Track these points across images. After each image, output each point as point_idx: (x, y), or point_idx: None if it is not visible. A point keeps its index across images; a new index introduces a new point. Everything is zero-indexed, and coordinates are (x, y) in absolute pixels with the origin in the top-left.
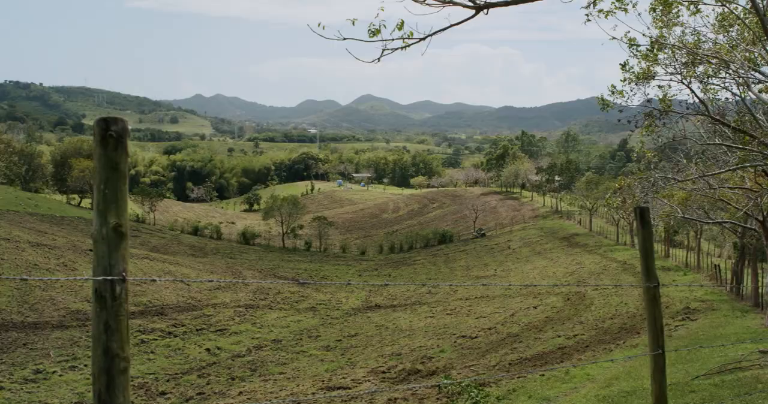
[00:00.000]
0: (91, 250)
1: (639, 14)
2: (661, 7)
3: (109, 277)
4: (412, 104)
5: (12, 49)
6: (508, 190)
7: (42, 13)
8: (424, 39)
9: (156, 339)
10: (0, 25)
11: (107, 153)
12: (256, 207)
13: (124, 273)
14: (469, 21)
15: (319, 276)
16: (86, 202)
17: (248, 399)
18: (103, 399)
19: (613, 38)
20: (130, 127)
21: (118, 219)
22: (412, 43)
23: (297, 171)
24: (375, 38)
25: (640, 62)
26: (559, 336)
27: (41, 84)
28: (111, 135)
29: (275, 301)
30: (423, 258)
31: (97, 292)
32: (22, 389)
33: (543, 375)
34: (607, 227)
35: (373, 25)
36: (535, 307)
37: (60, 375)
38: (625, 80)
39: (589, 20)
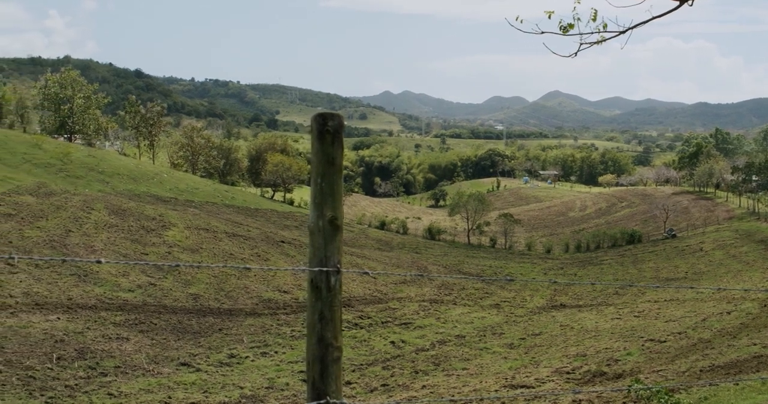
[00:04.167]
0: (283, 242)
1: None
2: None
3: (324, 268)
4: (601, 101)
5: (212, 49)
6: (701, 189)
7: (240, 14)
8: (624, 32)
9: (343, 330)
10: (201, 27)
11: (324, 147)
12: (441, 203)
13: (338, 265)
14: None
15: (504, 273)
16: (279, 196)
17: (431, 393)
18: (317, 386)
19: None
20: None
21: (333, 212)
22: (611, 37)
23: (483, 167)
24: (570, 32)
25: None
26: (755, 344)
27: (238, 82)
28: (328, 130)
29: (459, 297)
30: (610, 258)
31: (312, 283)
32: (217, 372)
33: (737, 384)
34: None
35: (563, 20)
36: (728, 313)
37: (252, 361)
38: None
39: None
